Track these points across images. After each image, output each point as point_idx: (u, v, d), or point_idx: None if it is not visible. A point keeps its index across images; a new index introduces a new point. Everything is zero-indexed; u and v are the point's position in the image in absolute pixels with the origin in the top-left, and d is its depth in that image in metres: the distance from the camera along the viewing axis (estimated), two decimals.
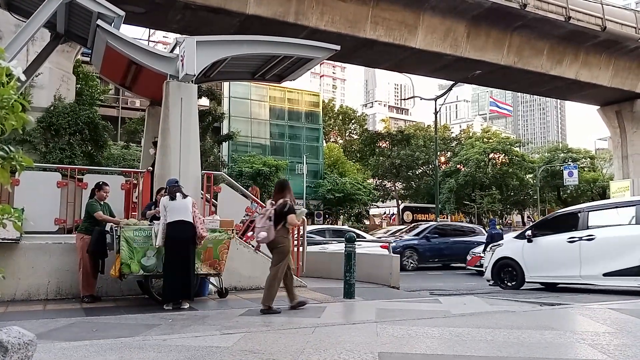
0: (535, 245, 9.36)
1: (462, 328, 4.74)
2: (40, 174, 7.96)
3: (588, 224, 8.83)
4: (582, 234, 8.73)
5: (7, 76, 1.80)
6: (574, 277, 8.83)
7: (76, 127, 12.82)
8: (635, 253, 8.11)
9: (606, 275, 8.40)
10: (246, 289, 8.08)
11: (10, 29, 12.16)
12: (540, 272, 9.32)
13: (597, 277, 8.54)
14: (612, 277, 8.38)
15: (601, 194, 45.27)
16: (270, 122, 45.48)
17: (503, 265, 9.86)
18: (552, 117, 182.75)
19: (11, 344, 2.06)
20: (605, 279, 8.43)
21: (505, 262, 9.80)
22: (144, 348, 3.83)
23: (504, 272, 9.88)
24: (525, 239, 9.56)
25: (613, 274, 8.34)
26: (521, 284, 9.55)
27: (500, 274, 9.91)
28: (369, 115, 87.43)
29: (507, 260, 9.76)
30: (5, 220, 1.95)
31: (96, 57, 8.63)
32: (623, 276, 8.24)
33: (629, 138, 28.96)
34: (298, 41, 9.02)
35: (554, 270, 9.10)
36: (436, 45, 21.15)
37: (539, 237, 9.40)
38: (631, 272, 8.13)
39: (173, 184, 6.58)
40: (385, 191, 49.89)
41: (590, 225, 8.80)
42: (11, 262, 6.77)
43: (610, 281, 8.45)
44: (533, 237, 9.46)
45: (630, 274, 8.15)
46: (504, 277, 9.86)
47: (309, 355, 3.61)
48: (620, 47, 24.66)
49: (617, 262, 8.28)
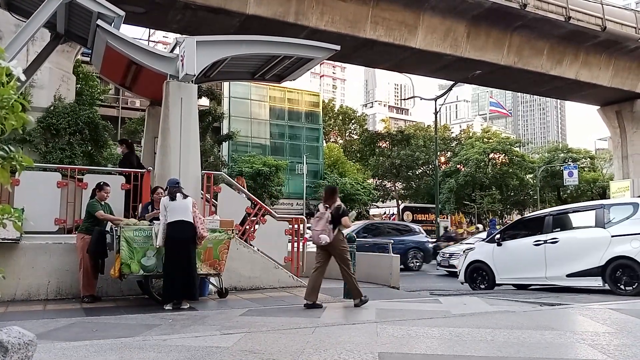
0: (504, 249, 9.79)
1: (462, 328, 4.74)
2: (40, 174, 7.95)
3: (552, 228, 9.25)
4: (547, 237, 9.15)
5: (7, 76, 1.80)
6: (540, 278, 9.24)
7: (76, 127, 12.81)
8: (595, 254, 8.54)
9: (569, 276, 8.81)
10: (246, 289, 8.07)
11: (10, 29, 12.15)
12: (509, 274, 9.74)
13: (561, 278, 8.94)
14: (575, 278, 8.77)
15: (601, 194, 45.22)
16: (270, 122, 45.48)
17: (475, 269, 10.28)
18: (552, 117, 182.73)
19: (11, 344, 2.06)
20: (569, 279, 8.85)
21: (477, 265, 10.23)
22: (144, 348, 3.83)
23: (476, 274, 10.27)
24: (495, 243, 9.99)
25: (575, 274, 8.74)
26: (492, 286, 9.92)
27: (472, 277, 10.29)
28: (369, 115, 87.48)
29: (479, 263, 10.20)
30: (5, 220, 1.95)
31: (96, 57, 8.63)
32: (585, 276, 8.64)
33: (629, 138, 28.94)
34: (298, 41, 9.02)
35: (521, 272, 9.52)
36: (436, 45, 21.13)
37: (508, 241, 9.86)
38: (592, 273, 8.53)
39: (173, 185, 6.58)
40: (385, 191, 49.87)
41: (555, 229, 9.23)
42: (11, 262, 6.77)
43: (573, 281, 8.83)
44: (502, 240, 9.90)
45: (591, 275, 8.55)
46: (476, 280, 10.24)
47: (309, 355, 3.61)
48: (620, 47, 24.64)
49: (579, 264, 8.68)
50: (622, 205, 9.02)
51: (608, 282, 8.38)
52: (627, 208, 8.76)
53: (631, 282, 8.21)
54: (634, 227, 8.32)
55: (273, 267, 8.43)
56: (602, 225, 8.66)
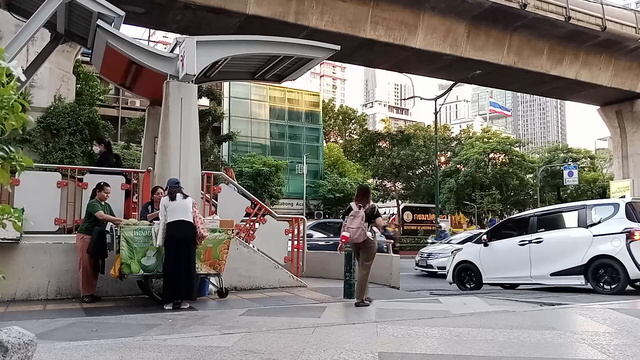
0: (491, 249, 9.99)
1: (462, 328, 4.74)
2: (40, 174, 7.95)
3: (537, 228, 9.47)
4: (532, 237, 9.36)
5: (7, 76, 1.80)
6: (525, 277, 9.45)
7: (76, 127, 12.80)
8: (577, 254, 8.75)
9: (553, 275, 9.02)
10: (246, 289, 8.07)
11: (10, 29, 12.15)
12: (495, 274, 9.92)
13: (546, 277, 9.15)
14: (559, 277, 8.98)
15: (601, 194, 45.19)
16: (270, 122, 45.48)
17: (463, 269, 10.45)
18: (552, 117, 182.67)
19: (11, 344, 2.06)
20: (553, 278, 9.06)
21: (465, 265, 10.42)
22: (144, 348, 3.83)
23: (464, 274, 10.44)
24: (482, 244, 10.17)
25: (559, 273, 8.95)
26: (479, 285, 10.10)
27: (460, 277, 10.46)
28: (369, 115, 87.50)
29: (467, 263, 10.38)
30: (5, 220, 1.95)
31: (96, 57, 8.63)
32: (568, 275, 8.86)
33: (629, 138, 28.94)
34: (298, 41, 9.02)
35: (507, 272, 9.72)
36: (436, 45, 21.13)
37: (494, 242, 10.06)
38: (574, 272, 8.76)
39: (174, 185, 6.58)
40: (385, 191, 49.85)
41: (539, 229, 9.44)
42: (11, 262, 6.77)
43: (556, 280, 9.04)
44: (489, 241, 10.10)
45: (573, 273, 8.78)
46: (464, 279, 10.41)
47: (309, 355, 3.61)
48: (620, 47, 24.63)
49: (562, 263, 8.90)
50: (603, 206, 9.25)
51: (590, 281, 8.61)
52: (609, 208, 8.99)
53: (612, 281, 8.44)
54: (615, 226, 8.56)
55: (273, 267, 8.43)
56: (585, 225, 8.91)
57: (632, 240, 8.26)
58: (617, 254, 8.32)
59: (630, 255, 8.21)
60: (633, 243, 8.25)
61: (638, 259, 8.19)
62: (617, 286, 8.32)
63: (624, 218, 8.57)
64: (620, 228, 8.44)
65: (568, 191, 49.09)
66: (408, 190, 49.92)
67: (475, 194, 45.41)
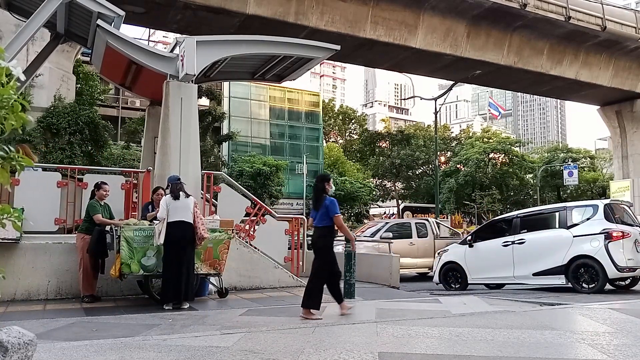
0: (476, 250, 10.13)
1: (462, 328, 4.74)
2: (40, 174, 7.95)
3: (520, 229, 9.63)
4: (515, 239, 9.53)
5: (7, 76, 1.80)
6: (509, 277, 9.61)
7: (76, 127, 12.81)
8: (558, 254, 8.93)
9: (535, 275, 9.18)
10: (246, 289, 8.07)
11: (10, 29, 12.16)
12: (480, 274, 10.07)
13: (528, 277, 9.31)
14: (540, 277, 9.15)
15: (601, 194, 45.20)
16: (270, 122, 45.45)
17: (449, 269, 10.56)
18: (552, 117, 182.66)
19: (11, 343, 2.06)
20: (535, 278, 9.25)
21: (451, 266, 10.52)
22: (144, 348, 3.83)
23: (450, 275, 10.55)
24: (467, 245, 10.31)
25: (541, 273, 9.12)
26: (465, 286, 10.22)
27: (446, 277, 10.57)
28: (369, 115, 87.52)
29: (452, 264, 10.49)
30: (5, 220, 1.95)
31: (96, 57, 8.63)
32: (549, 275, 9.03)
33: (629, 138, 28.95)
34: (298, 41, 9.02)
35: (491, 272, 9.89)
36: (436, 45, 21.14)
37: (479, 242, 10.21)
38: (555, 271, 8.93)
39: (175, 181, 6.55)
40: (385, 191, 49.88)
41: (522, 230, 9.60)
42: (11, 262, 6.77)
43: (538, 280, 9.22)
44: (474, 242, 10.24)
45: (554, 273, 8.95)
46: (450, 280, 10.52)
47: (309, 355, 3.61)
48: (620, 47, 24.65)
49: (544, 263, 9.08)
50: (583, 207, 9.44)
51: (570, 280, 8.78)
52: (588, 210, 9.19)
53: (591, 280, 8.64)
54: (594, 227, 8.78)
55: (273, 267, 8.43)
56: (565, 226, 9.13)
57: (610, 241, 8.53)
58: (596, 254, 8.55)
59: (608, 255, 8.45)
60: (611, 243, 8.51)
61: (616, 259, 8.42)
62: (596, 285, 8.53)
63: (602, 219, 8.80)
64: (599, 229, 8.70)
65: (568, 191, 49.10)
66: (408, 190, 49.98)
67: (475, 194, 45.42)
